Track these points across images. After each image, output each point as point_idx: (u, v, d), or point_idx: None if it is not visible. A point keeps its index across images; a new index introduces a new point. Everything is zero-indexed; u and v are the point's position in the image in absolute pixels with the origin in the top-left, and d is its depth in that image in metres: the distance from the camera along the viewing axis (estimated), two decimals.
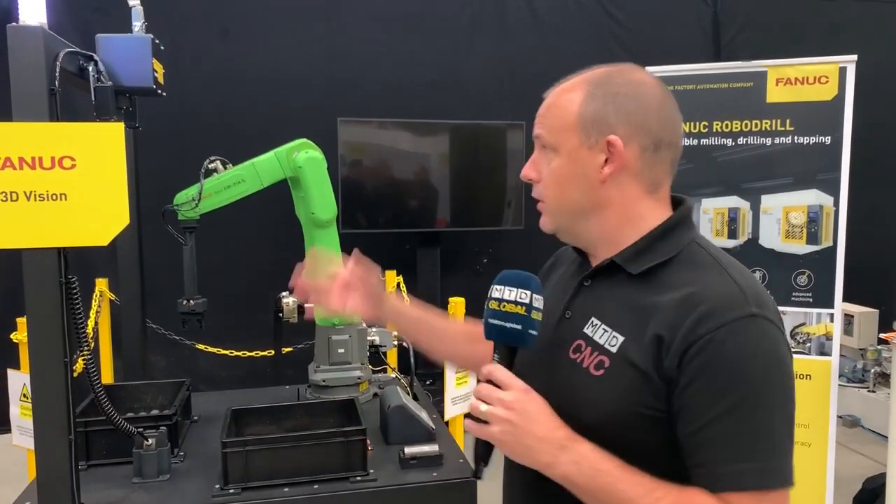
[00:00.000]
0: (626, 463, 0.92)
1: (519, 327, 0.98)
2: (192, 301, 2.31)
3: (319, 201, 2.30)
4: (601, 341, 0.99)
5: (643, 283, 0.99)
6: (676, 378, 0.91)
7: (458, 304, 3.27)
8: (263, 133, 4.46)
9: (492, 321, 1.01)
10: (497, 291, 1.01)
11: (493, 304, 1.00)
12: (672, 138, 1.04)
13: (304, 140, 2.35)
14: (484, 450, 1.01)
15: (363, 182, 4.61)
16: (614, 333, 0.98)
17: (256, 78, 4.72)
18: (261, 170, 2.30)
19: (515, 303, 0.98)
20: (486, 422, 0.96)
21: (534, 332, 0.99)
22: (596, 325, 1.01)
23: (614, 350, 0.97)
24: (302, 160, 2.28)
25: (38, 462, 1.60)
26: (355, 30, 4.90)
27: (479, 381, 1.01)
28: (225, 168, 2.30)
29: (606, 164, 1.01)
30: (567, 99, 1.06)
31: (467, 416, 1.00)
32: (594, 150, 1.02)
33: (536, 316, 0.99)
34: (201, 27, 4.65)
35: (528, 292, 0.99)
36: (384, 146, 4.66)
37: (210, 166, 2.27)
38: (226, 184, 2.29)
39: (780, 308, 2.76)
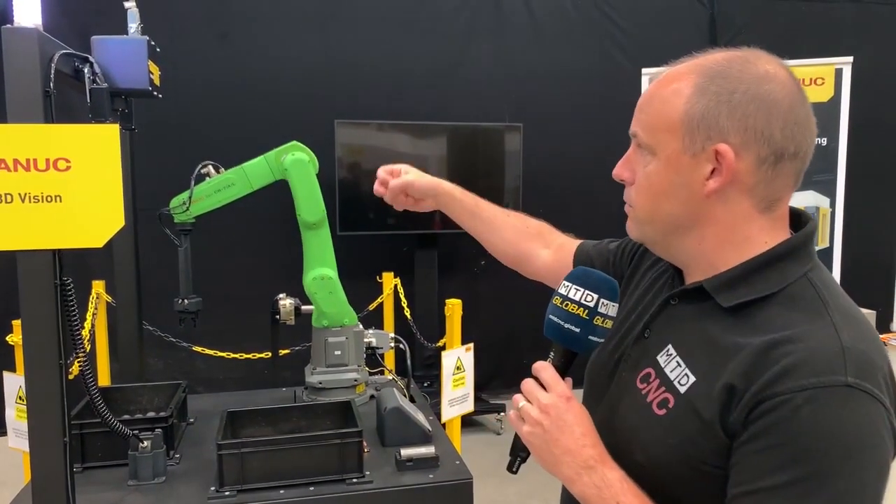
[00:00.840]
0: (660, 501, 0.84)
1: (577, 331, 0.91)
2: (186, 300, 2.36)
3: (305, 203, 2.31)
4: (672, 376, 0.87)
5: (733, 318, 0.85)
6: (740, 433, 0.79)
7: (455, 305, 3.28)
8: (260, 135, 4.46)
9: (551, 317, 0.94)
10: (564, 288, 0.94)
11: (557, 301, 0.94)
12: (799, 147, 0.86)
13: (294, 143, 2.36)
14: (519, 445, 0.96)
15: (361, 184, 4.61)
16: (687, 371, 0.86)
17: (254, 80, 4.73)
18: (250, 173, 2.33)
19: (579, 304, 0.91)
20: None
21: (596, 339, 0.92)
22: (671, 355, 0.89)
23: (682, 391, 0.85)
24: (288, 162, 2.30)
25: (32, 465, 1.59)
26: (352, 32, 4.91)
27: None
28: (217, 172, 2.34)
29: (713, 177, 0.86)
30: (672, 91, 0.88)
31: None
32: (699, 157, 0.86)
33: (602, 323, 0.92)
34: (199, 30, 4.65)
35: (596, 296, 0.91)
36: (382, 148, 4.66)
37: (203, 171, 2.31)
38: (216, 187, 2.32)
39: None
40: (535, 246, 1.37)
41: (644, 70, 2.96)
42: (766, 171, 0.85)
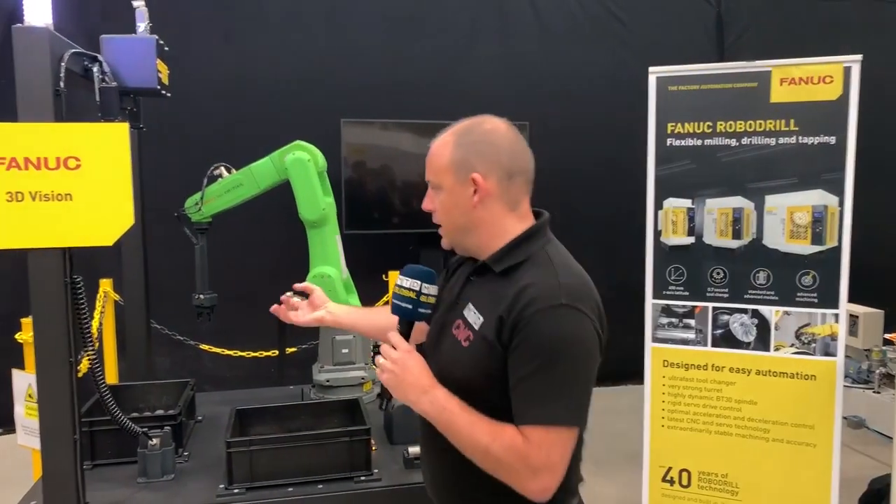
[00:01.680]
0: (474, 407, 1.24)
1: (410, 307, 1.35)
2: (202, 296, 2.48)
3: (304, 201, 2.33)
4: (471, 321, 1.32)
5: (503, 279, 1.30)
6: (509, 345, 1.23)
7: None
8: (267, 134, 4.46)
9: (394, 301, 1.38)
10: (400, 280, 1.37)
11: (396, 289, 1.37)
12: (520, 168, 1.36)
13: (297, 142, 2.37)
14: (384, 390, 1.42)
15: (366, 183, 4.61)
16: (479, 316, 1.30)
17: (260, 79, 4.73)
18: (257, 173, 2.36)
19: (409, 289, 1.35)
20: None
21: (424, 311, 1.36)
22: (470, 309, 1.33)
23: (476, 328, 1.29)
24: (288, 162, 2.32)
25: (43, 462, 1.60)
26: (359, 31, 4.90)
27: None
28: (228, 173, 2.40)
29: (475, 195, 1.33)
30: (440, 149, 1.37)
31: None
32: (465, 185, 1.33)
33: (426, 299, 1.35)
34: (205, 29, 4.66)
35: (419, 282, 1.35)
36: (387, 147, 4.66)
37: (215, 172, 2.39)
38: (226, 188, 2.39)
39: (785, 308, 2.76)
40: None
41: (651, 69, 2.95)
42: (505, 185, 1.34)
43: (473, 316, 1.31)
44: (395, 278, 3.74)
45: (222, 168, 2.40)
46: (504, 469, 1.21)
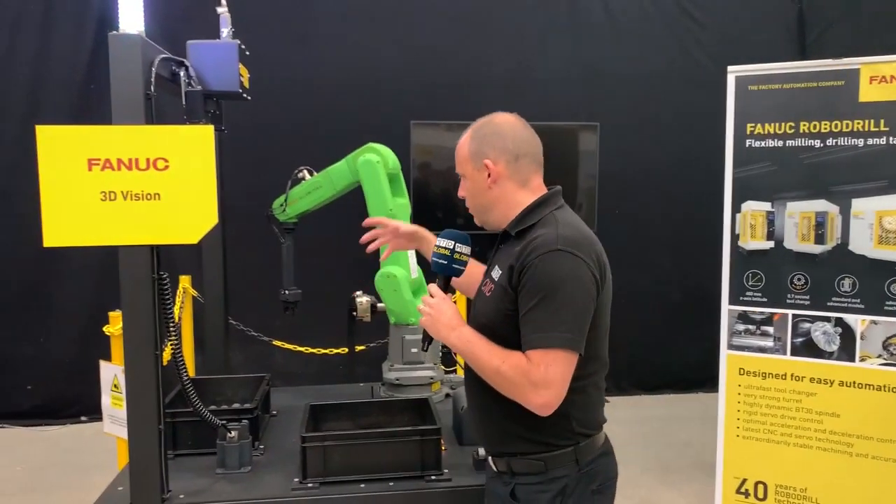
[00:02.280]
0: (496, 343, 1.49)
1: (444, 262, 1.62)
2: (288, 291, 2.59)
3: (371, 202, 2.37)
4: (494, 276, 1.58)
5: (517, 240, 1.55)
6: (517, 288, 1.47)
7: None
8: (339, 136, 4.53)
9: (433, 259, 1.66)
10: (437, 241, 1.65)
11: (434, 249, 1.65)
12: (525, 150, 1.60)
13: (369, 144, 2.41)
14: (427, 333, 1.63)
15: (431, 184, 4.64)
16: (500, 270, 1.55)
17: (333, 81, 4.82)
18: (334, 176, 2.42)
19: (445, 248, 1.62)
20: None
21: (458, 267, 1.63)
22: (495, 268, 1.59)
23: (496, 279, 1.56)
24: (359, 164, 2.36)
25: (130, 450, 1.67)
26: (429, 32, 4.93)
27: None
28: (311, 176, 2.49)
29: (489, 177, 1.58)
30: (462, 145, 1.65)
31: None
32: (481, 170, 1.59)
33: (459, 257, 1.62)
34: (279, 33, 4.78)
35: (453, 242, 1.62)
36: (453, 148, 4.66)
37: (299, 175, 2.50)
38: (307, 190, 2.47)
39: (872, 317, 2.63)
40: None
41: (730, 68, 2.86)
42: (513, 166, 1.58)
43: (496, 272, 1.57)
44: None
45: (305, 171, 2.50)
46: (511, 385, 1.45)
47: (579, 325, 1.45)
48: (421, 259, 2.50)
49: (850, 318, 2.72)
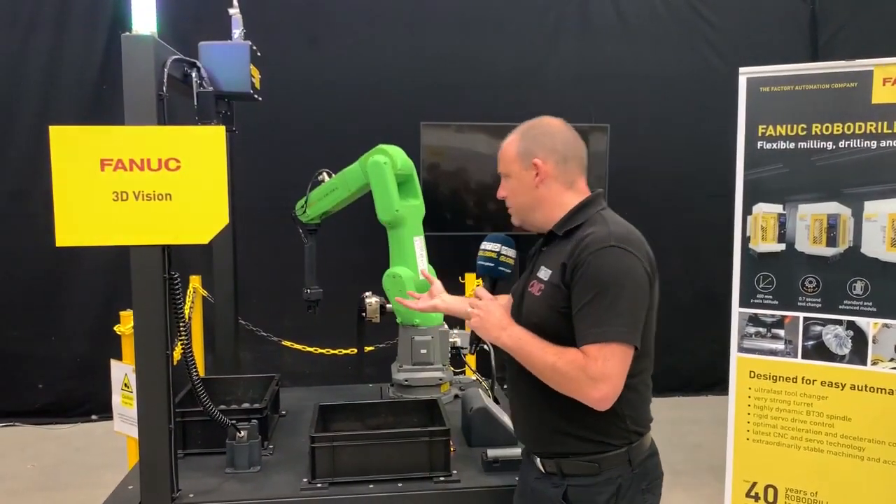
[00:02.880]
0: (548, 340, 1.50)
1: (491, 265, 1.70)
2: (310, 290, 2.64)
3: (378, 203, 2.37)
4: (542, 276, 1.58)
5: (565, 240, 1.57)
6: (571, 285, 1.49)
7: None
8: (349, 137, 4.54)
9: (478, 262, 1.72)
10: (483, 245, 1.73)
11: (480, 253, 1.72)
12: (573, 153, 1.63)
13: (380, 146, 2.42)
14: (475, 336, 1.71)
15: (440, 185, 4.63)
16: (548, 270, 1.56)
17: (343, 83, 4.82)
18: (348, 177, 2.43)
19: (490, 251, 1.70)
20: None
21: (503, 269, 1.70)
22: (542, 269, 1.59)
23: (546, 279, 1.56)
24: (367, 165, 2.36)
25: (140, 449, 1.68)
26: (439, 33, 4.93)
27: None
28: (329, 178, 2.52)
29: (537, 176, 1.60)
30: (509, 145, 1.66)
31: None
32: (529, 169, 1.61)
33: (504, 259, 1.70)
34: (290, 34, 4.79)
35: (499, 245, 1.70)
36: (463, 149, 4.67)
37: (319, 178, 2.54)
38: (325, 192, 2.50)
39: (885, 320, 2.61)
40: None
41: (742, 70, 2.85)
42: (561, 167, 1.61)
43: (544, 272, 1.58)
44: (471, 280, 3.74)
45: (325, 173, 2.54)
46: (567, 380, 1.45)
47: (634, 319, 1.46)
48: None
49: (861, 322, 2.70)
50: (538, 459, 1.60)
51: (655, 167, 5.10)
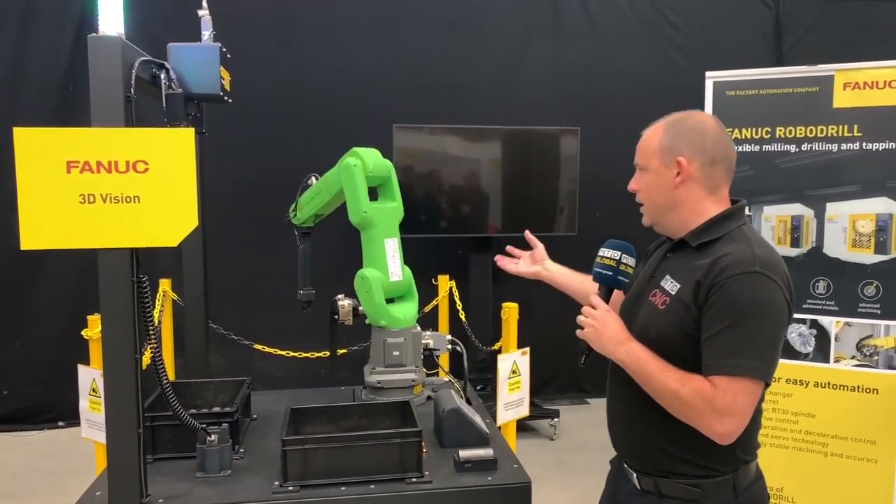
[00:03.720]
0: (666, 360, 1.41)
1: (610, 273, 1.57)
2: (302, 291, 2.69)
3: (349, 205, 2.38)
4: (667, 288, 1.49)
5: (699, 252, 1.47)
6: (704, 307, 1.40)
7: (511, 309, 3.28)
8: (321, 139, 4.55)
9: (596, 269, 1.60)
10: (602, 251, 1.60)
11: (598, 259, 1.60)
12: (723, 155, 1.50)
13: (354, 149, 2.43)
14: (585, 347, 1.57)
15: (414, 187, 4.64)
16: (675, 283, 1.47)
17: (316, 84, 4.82)
18: (330, 180, 2.46)
19: (611, 259, 1.57)
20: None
21: (622, 279, 1.57)
22: (668, 279, 1.50)
23: (673, 293, 1.47)
24: (341, 167, 2.37)
25: (108, 455, 1.66)
26: (412, 36, 4.95)
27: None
28: (316, 181, 2.55)
29: (678, 176, 1.49)
30: (651, 136, 1.56)
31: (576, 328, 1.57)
32: (669, 167, 1.50)
33: (624, 269, 1.57)
34: (262, 36, 4.77)
35: (619, 253, 1.57)
36: (436, 152, 4.69)
37: (308, 182, 2.55)
38: (311, 195, 2.53)
39: (846, 319, 2.68)
40: None
41: (708, 73, 2.90)
42: (707, 170, 1.49)
43: (670, 284, 1.48)
44: (445, 282, 3.73)
45: (313, 177, 2.55)
46: (691, 410, 1.38)
47: (771, 353, 1.38)
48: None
49: (824, 320, 2.77)
50: (635, 475, 1.55)
51: (626, 169, 5.13)
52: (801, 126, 2.76)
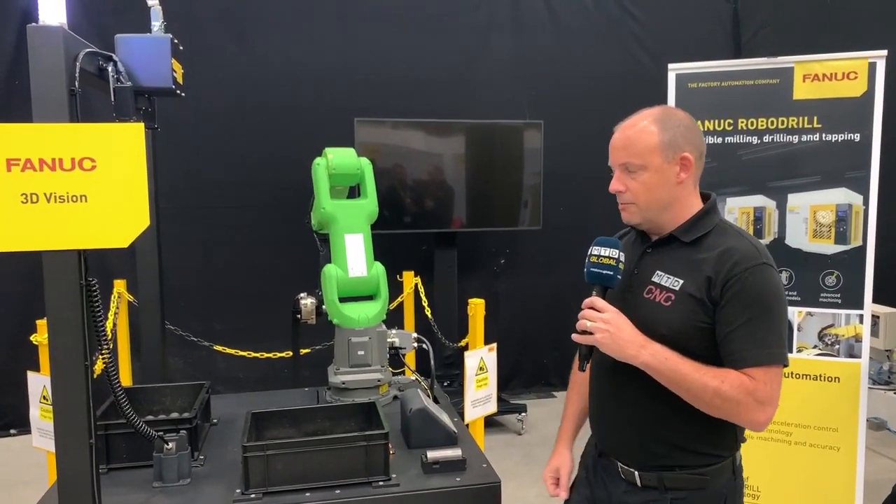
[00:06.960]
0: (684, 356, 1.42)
1: (611, 273, 1.50)
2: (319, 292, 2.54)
3: (314, 204, 2.38)
4: (667, 284, 1.49)
5: (692, 247, 1.50)
6: (719, 301, 1.43)
7: (477, 305, 3.25)
8: (281, 134, 4.46)
9: (592, 269, 1.52)
10: (596, 250, 1.53)
11: (593, 258, 1.52)
12: (704, 148, 1.56)
13: (326, 148, 2.44)
14: (587, 351, 1.51)
15: (378, 182, 4.56)
16: (676, 279, 1.48)
17: (274, 79, 4.72)
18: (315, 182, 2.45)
19: (609, 258, 1.50)
20: (590, 333, 1.46)
21: (619, 277, 1.51)
22: (662, 275, 1.51)
23: (677, 289, 1.47)
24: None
25: (59, 466, 1.58)
26: (371, 30, 4.88)
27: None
28: None
29: (682, 172, 1.50)
30: (644, 134, 1.51)
31: (573, 333, 1.51)
32: (672, 163, 1.50)
33: (621, 266, 1.52)
34: (217, 28, 4.65)
35: (617, 251, 1.51)
36: (399, 146, 4.63)
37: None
38: (314, 200, 2.49)
39: (808, 309, 2.71)
40: None
41: (671, 66, 2.91)
42: (699, 165, 1.54)
43: (669, 280, 1.49)
44: (410, 278, 3.69)
45: None
46: (734, 405, 1.39)
47: (785, 340, 1.46)
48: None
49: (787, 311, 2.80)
50: (636, 473, 1.55)
51: (589, 162, 5.16)
52: (763, 118, 2.78)
